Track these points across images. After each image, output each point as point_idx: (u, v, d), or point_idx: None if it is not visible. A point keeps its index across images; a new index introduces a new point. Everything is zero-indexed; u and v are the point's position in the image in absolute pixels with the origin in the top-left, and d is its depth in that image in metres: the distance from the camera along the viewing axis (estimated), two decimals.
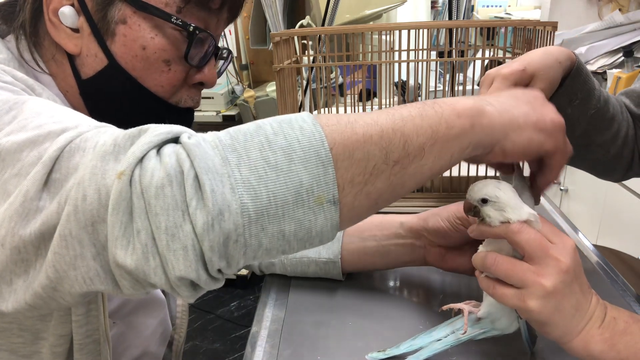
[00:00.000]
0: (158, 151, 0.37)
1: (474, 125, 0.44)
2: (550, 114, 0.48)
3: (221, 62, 0.69)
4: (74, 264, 0.37)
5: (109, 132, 0.40)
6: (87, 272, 0.37)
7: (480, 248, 0.54)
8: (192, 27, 0.56)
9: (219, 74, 0.67)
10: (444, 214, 0.67)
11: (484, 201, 0.50)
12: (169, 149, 0.37)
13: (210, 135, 0.39)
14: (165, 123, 0.62)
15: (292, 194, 0.37)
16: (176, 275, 0.36)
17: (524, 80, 0.61)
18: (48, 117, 0.42)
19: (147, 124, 0.61)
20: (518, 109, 0.47)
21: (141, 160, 0.36)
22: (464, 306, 0.56)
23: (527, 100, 0.49)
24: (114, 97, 0.59)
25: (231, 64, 2.42)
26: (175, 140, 0.39)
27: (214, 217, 0.35)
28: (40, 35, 0.58)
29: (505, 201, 0.49)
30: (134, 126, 0.61)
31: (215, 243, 0.35)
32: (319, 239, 0.39)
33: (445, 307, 0.58)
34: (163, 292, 0.80)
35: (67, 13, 0.55)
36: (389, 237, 0.71)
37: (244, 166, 0.36)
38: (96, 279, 0.37)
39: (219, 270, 0.38)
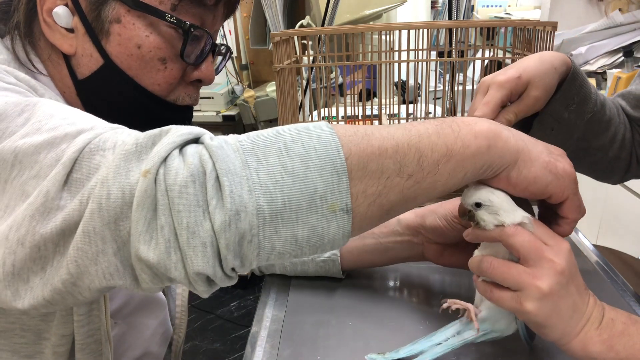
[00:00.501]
0: (180, 151, 0.38)
1: (490, 147, 0.44)
2: (564, 162, 0.49)
3: (220, 58, 0.68)
4: (95, 259, 0.38)
5: (126, 133, 0.41)
6: (108, 267, 0.38)
7: (476, 252, 0.54)
8: (187, 25, 0.56)
9: (217, 70, 0.67)
10: (440, 212, 0.67)
11: (478, 205, 0.50)
12: (191, 149, 0.38)
13: (232, 138, 0.40)
14: (163, 121, 0.62)
15: (307, 200, 0.38)
16: (194, 270, 0.37)
17: (520, 88, 0.61)
18: (61, 118, 0.43)
19: (144, 123, 0.61)
20: (534, 145, 0.48)
21: (165, 159, 0.37)
22: (470, 306, 0.56)
23: (546, 145, 0.50)
24: (111, 97, 0.58)
25: (231, 64, 2.42)
26: (196, 140, 0.40)
27: (231, 217, 0.36)
28: (36, 36, 0.58)
29: (499, 204, 0.49)
30: (132, 126, 0.61)
31: (231, 242, 0.36)
32: (330, 245, 0.40)
33: (445, 305, 0.57)
34: (163, 292, 0.80)
35: (61, 13, 0.55)
36: (387, 234, 0.72)
37: (262, 170, 0.37)
38: (116, 274, 0.38)
39: (233, 269, 0.39)
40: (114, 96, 0.58)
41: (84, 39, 0.56)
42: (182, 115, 0.63)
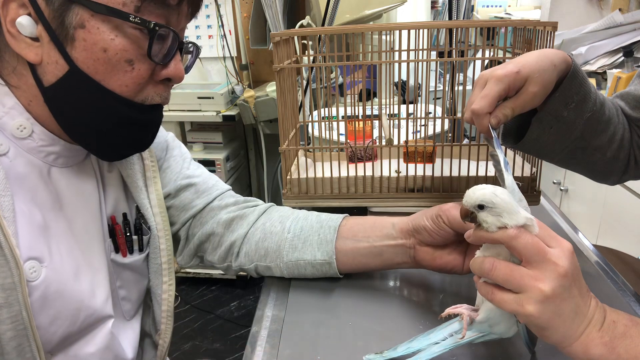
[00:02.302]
0: None
1: None
2: None
3: (189, 57, 0.68)
4: None
5: None
6: None
7: (478, 253, 0.54)
8: (151, 24, 0.56)
9: (187, 69, 0.66)
10: (429, 213, 0.68)
11: (481, 207, 0.50)
12: None
13: None
14: (132, 123, 0.61)
15: None
16: None
17: (518, 82, 0.61)
18: None
19: (113, 125, 0.60)
20: None
21: None
22: (464, 311, 0.56)
23: None
24: (77, 103, 0.58)
25: (231, 64, 2.42)
26: None
27: None
28: (1, 49, 0.58)
29: (502, 206, 0.49)
30: (102, 128, 0.60)
31: None
32: None
33: (444, 314, 0.58)
34: (148, 297, 0.80)
35: (25, 23, 0.54)
36: (382, 237, 0.72)
37: None
38: None
39: None
40: (81, 101, 0.58)
41: (49, 47, 0.55)
42: (151, 115, 0.63)
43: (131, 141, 0.65)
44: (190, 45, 0.66)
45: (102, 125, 0.60)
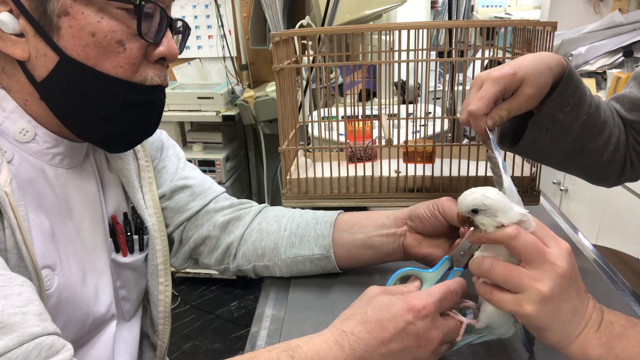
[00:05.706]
0: None
1: None
2: None
3: (179, 37, 0.67)
4: None
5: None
6: None
7: (477, 254, 0.54)
8: (137, 0, 0.55)
9: (180, 49, 0.65)
10: (426, 203, 0.70)
11: (475, 211, 0.50)
12: None
13: None
14: (133, 105, 0.60)
15: None
16: None
17: (514, 85, 0.61)
18: None
19: (114, 110, 0.59)
20: None
21: None
22: (464, 319, 0.55)
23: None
24: (74, 91, 0.57)
25: (231, 64, 2.42)
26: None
27: None
28: None
29: (495, 206, 0.49)
30: (106, 114, 0.58)
31: None
32: None
33: (452, 314, 0.57)
34: (146, 298, 0.80)
35: (6, 19, 0.53)
36: (376, 228, 0.73)
37: None
38: None
39: None
40: (78, 90, 0.57)
41: (35, 40, 0.54)
42: (152, 96, 0.62)
43: (136, 126, 0.63)
44: (180, 24, 0.65)
45: (103, 111, 0.59)
